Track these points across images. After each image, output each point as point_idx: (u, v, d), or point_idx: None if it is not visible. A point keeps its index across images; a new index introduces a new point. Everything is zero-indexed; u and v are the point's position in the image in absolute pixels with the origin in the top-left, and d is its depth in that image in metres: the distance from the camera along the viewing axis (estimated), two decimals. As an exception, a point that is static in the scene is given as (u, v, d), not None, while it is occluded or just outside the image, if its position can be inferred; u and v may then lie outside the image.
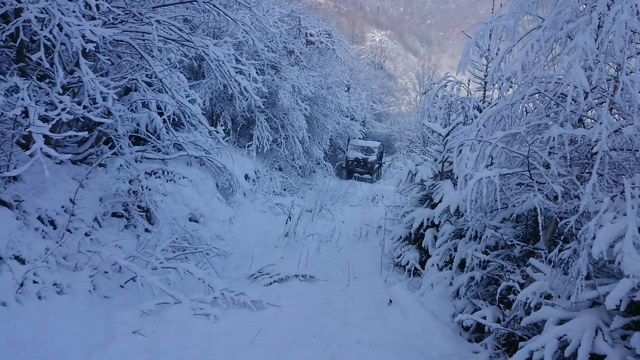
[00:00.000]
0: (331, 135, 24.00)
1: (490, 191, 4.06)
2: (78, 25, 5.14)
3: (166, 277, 5.83)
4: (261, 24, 14.71)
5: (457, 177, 4.52)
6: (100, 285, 5.63)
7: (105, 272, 5.83)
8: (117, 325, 4.76)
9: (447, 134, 7.67)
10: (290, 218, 10.28)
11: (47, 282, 4.95)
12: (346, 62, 31.28)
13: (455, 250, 6.44)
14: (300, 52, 19.11)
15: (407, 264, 7.69)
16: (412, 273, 7.46)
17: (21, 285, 4.65)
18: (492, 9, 8.40)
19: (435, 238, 7.36)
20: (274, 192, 15.10)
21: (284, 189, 16.67)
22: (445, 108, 8.80)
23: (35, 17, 4.93)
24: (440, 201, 6.93)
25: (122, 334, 4.56)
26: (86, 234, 6.23)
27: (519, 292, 4.34)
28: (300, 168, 19.58)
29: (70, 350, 4.21)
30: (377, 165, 27.18)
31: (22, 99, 4.68)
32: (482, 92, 8.95)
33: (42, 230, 5.74)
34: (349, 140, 27.57)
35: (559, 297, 3.96)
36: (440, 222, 7.08)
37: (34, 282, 4.82)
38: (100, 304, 5.34)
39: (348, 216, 13.85)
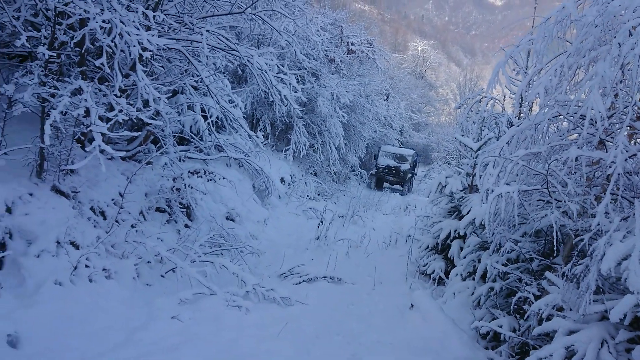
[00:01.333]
0: (367, 143, 24.24)
1: (509, 206, 4.30)
2: (137, 34, 5.64)
3: (203, 269, 6.25)
4: (304, 32, 15.19)
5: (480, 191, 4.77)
6: (144, 274, 6.11)
7: (148, 262, 6.31)
8: (157, 310, 5.19)
9: (478, 149, 7.87)
10: (322, 222, 10.61)
11: (97, 267, 5.44)
12: (386, 71, 31.49)
13: (479, 261, 6.64)
14: (341, 61, 19.51)
15: (433, 272, 7.92)
16: (436, 282, 7.69)
17: (75, 268, 5.15)
18: (532, 25, 8.56)
19: (462, 249, 7.57)
20: (308, 196, 15.49)
21: (318, 194, 17.04)
22: (479, 123, 8.99)
23: (100, 26, 5.45)
24: (467, 213, 7.15)
25: (161, 318, 5.00)
26: (132, 226, 6.74)
27: (533, 304, 4.55)
28: (335, 174, 19.93)
29: (115, 329, 4.67)
30: (409, 175, 25.15)
31: (86, 100, 5.19)
32: (518, 109, 9.12)
33: (94, 220, 6.27)
34: (380, 147, 25.92)
35: (570, 309, 4.16)
36: (466, 233, 7.29)
37: (86, 266, 5.32)
38: (142, 290, 5.81)
39: (379, 224, 14.09)
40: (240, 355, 4.56)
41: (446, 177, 8.24)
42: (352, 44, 21.27)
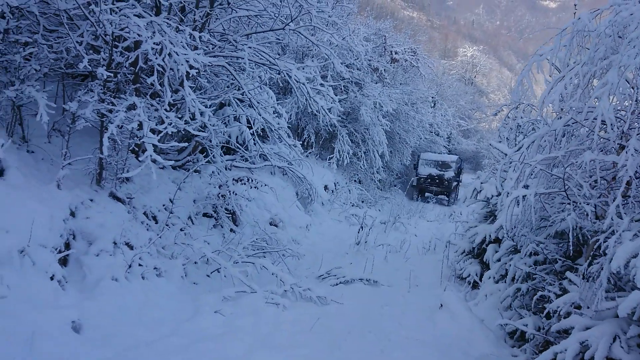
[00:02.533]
0: (413, 150, 24.19)
1: (527, 208, 4.52)
2: (184, 54, 6.19)
3: (245, 270, 6.71)
4: (347, 43, 15.63)
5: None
6: (191, 273, 6.63)
7: (195, 263, 6.84)
8: (202, 306, 5.68)
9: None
10: (362, 228, 10.92)
11: (149, 266, 5.99)
12: (434, 78, 31.45)
13: (511, 264, 6.80)
14: (384, 70, 19.81)
15: (468, 276, 8.09)
16: (471, 285, 7.85)
17: (129, 266, 5.71)
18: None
19: (497, 252, 7.71)
20: (351, 203, 15.83)
21: (362, 201, 17.35)
22: (514, 129, 9.09)
23: (151, 47, 6.03)
24: (500, 218, 7.30)
25: (206, 312, 5.47)
26: (181, 229, 7.31)
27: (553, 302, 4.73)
28: (379, 182, 20.17)
29: (165, 321, 5.18)
30: (454, 184, 23.41)
31: (139, 114, 5.77)
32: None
33: (147, 224, 6.86)
34: (419, 156, 24.06)
35: (587, 307, 4.34)
36: (502, 237, 7.44)
37: (139, 265, 5.87)
38: (189, 288, 6.33)
39: (421, 230, 14.23)
40: (276, 345, 4.96)
41: (481, 183, 8.40)
42: (396, 53, 21.54)
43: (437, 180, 22.67)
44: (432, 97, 30.83)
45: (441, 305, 6.34)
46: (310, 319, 5.72)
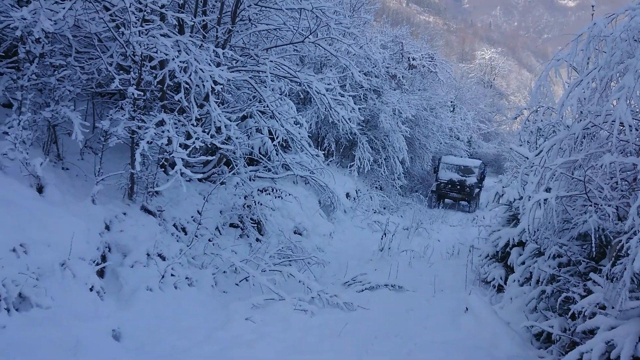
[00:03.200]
0: (433, 155, 24.10)
1: (549, 211, 4.61)
2: (209, 70, 6.43)
3: (273, 278, 6.89)
4: (365, 52, 15.82)
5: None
6: (220, 282, 6.84)
7: (224, 272, 7.05)
8: (232, 313, 5.86)
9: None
10: (385, 234, 11.02)
11: (181, 275, 6.20)
12: (452, 82, 31.40)
13: (536, 267, 6.84)
14: (402, 76, 19.92)
15: (493, 280, 8.13)
16: (496, 289, 7.90)
17: (162, 276, 5.93)
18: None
19: (520, 255, 7.76)
20: (373, 210, 15.94)
21: (384, 208, 17.43)
22: (535, 132, 9.14)
23: (178, 66, 6.28)
24: (523, 221, 7.35)
25: (237, 320, 5.66)
26: (210, 240, 7.53)
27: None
28: (400, 187, 20.21)
29: (198, 328, 5.38)
30: (477, 190, 22.00)
31: (168, 130, 6.02)
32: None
33: (177, 235, 7.10)
34: (439, 159, 22.87)
35: (612, 307, 4.40)
36: (525, 241, 7.49)
37: (172, 275, 6.09)
38: (219, 296, 6.53)
39: (445, 235, 14.26)
40: (306, 350, 5.12)
41: (503, 187, 8.46)
42: (413, 59, 21.65)
43: (459, 186, 21.26)
44: (451, 102, 30.75)
45: (466, 309, 6.42)
46: (338, 324, 5.86)
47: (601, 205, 4.49)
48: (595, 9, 7.86)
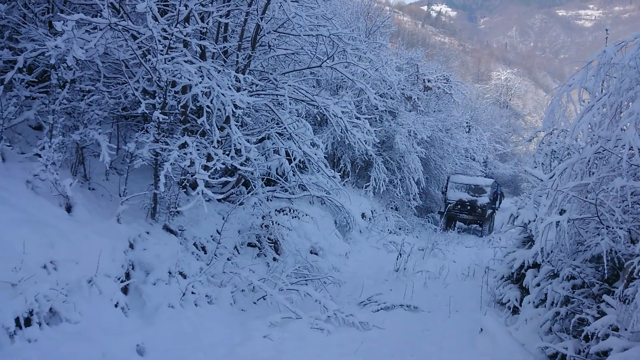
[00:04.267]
0: (448, 176, 24.06)
1: (561, 233, 4.71)
2: (231, 95, 6.69)
3: (290, 296, 7.03)
4: (380, 74, 16.08)
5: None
6: (239, 300, 7.00)
7: (243, 290, 7.21)
8: (251, 331, 6.01)
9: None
10: (400, 255, 11.10)
11: (201, 293, 6.38)
12: (468, 103, 31.52)
13: (551, 289, 6.89)
14: (417, 98, 20.13)
15: (508, 301, 8.17)
16: (511, 310, 7.93)
17: (183, 294, 6.12)
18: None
19: (536, 277, 7.80)
20: (389, 230, 16.01)
21: (399, 228, 17.48)
22: (550, 155, 9.22)
23: (201, 90, 6.55)
24: (538, 243, 7.42)
25: (256, 337, 5.80)
26: (228, 259, 7.71)
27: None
28: (416, 208, 20.26)
29: (218, 345, 5.53)
30: (489, 211, 20.25)
31: (191, 153, 6.26)
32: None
33: (197, 254, 7.30)
34: (448, 178, 21.22)
35: (625, 329, 4.47)
36: (541, 262, 7.54)
37: (192, 292, 6.27)
38: (238, 314, 6.68)
39: (460, 257, 14.26)
40: (323, 368, 5.25)
41: (518, 208, 8.54)
42: (429, 81, 21.87)
43: (469, 207, 19.61)
44: (467, 122, 30.83)
45: (481, 330, 6.49)
46: (354, 343, 5.97)
47: (613, 228, 4.58)
48: (612, 29, 7.99)
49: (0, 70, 6.34)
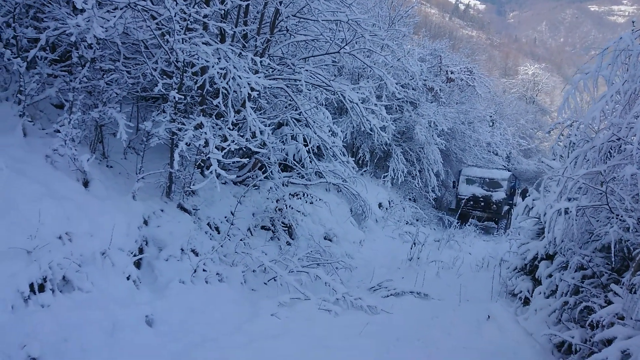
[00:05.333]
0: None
1: (569, 222, 4.68)
2: (247, 77, 6.76)
3: (300, 278, 7.11)
4: (402, 64, 16.00)
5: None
6: (249, 280, 7.11)
7: (254, 271, 7.32)
8: (259, 309, 6.11)
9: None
10: (414, 244, 11.10)
11: (212, 271, 6.50)
12: (493, 97, 31.09)
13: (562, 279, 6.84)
14: (440, 89, 19.95)
15: (520, 292, 8.12)
16: (523, 301, 7.89)
17: (195, 271, 6.24)
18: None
19: (548, 268, 7.74)
20: (405, 221, 15.98)
21: (417, 220, 17.43)
22: (568, 146, 9.09)
23: (217, 72, 6.64)
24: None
25: (263, 315, 5.90)
26: (241, 240, 7.83)
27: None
28: (434, 200, 20.15)
29: (227, 321, 5.64)
30: (506, 208, 18.63)
31: (205, 133, 6.36)
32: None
33: (210, 234, 7.42)
34: (460, 171, 19.60)
35: (631, 318, 4.43)
36: (554, 253, 7.48)
37: (204, 270, 6.40)
38: (248, 294, 6.79)
39: (477, 249, 14.17)
40: (329, 346, 5.32)
41: (533, 200, 8.46)
42: (452, 73, 21.66)
43: (483, 203, 18.01)
44: (491, 116, 30.44)
45: (489, 317, 6.48)
46: (360, 325, 6.02)
47: (622, 217, 4.53)
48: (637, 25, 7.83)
49: (24, 49, 6.51)
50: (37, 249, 4.47)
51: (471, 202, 18.16)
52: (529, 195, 8.75)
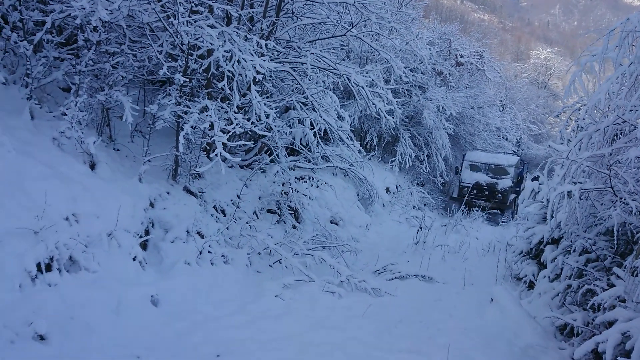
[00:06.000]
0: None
1: (572, 203, 4.67)
2: (251, 60, 6.76)
3: (304, 260, 7.17)
4: (411, 47, 15.86)
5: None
6: (255, 262, 7.18)
7: (259, 253, 7.38)
8: (264, 291, 6.18)
9: (572, 156, 7.99)
10: (421, 228, 11.11)
11: (217, 253, 6.57)
12: (504, 82, 30.77)
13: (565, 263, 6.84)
14: (449, 73, 19.76)
15: (525, 276, 8.13)
16: (527, 285, 7.90)
17: (200, 253, 6.32)
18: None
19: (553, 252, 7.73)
20: (413, 206, 15.97)
21: (424, 204, 17.40)
22: (576, 130, 9.02)
23: (222, 55, 6.64)
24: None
25: (268, 296, 5.97)
26: (247, 223, 7.88)
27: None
28: (442, 185, 20.09)
29: (231, 301, 5.73)
30: (512, 197, 17.17)
31: (210, 116, 6.39)
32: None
33: (216, 216, 7.49)
34: (463, 156, 18.14)
35: (632, 301, 4.43)
36: (559, 237, 7.47)
37: (209, 252, 6.47)
38: (253, 275, 6.87)
39: (484, 234, 14.14)
40: (330, 326, 5.38)
41: (539, 184, 8.42)
42: (461, 56, 21.42)
43: (487, 192, 16.59)
44: (501, 101, 30.15)
45: (492, 300, 6.50)
46: (364, 307, 6.08)
47: (625, 200, 4.51)
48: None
49: (30, 32, 6.55)
50: (44, 229, 4.54)
51: (474, 191, 16.69)
52: (538, 180, 8.72)
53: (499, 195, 16.59)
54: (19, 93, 6.32)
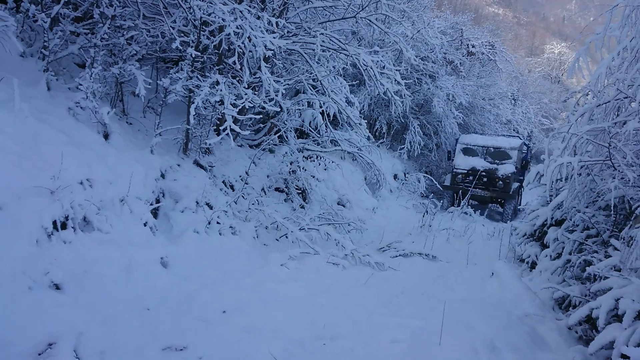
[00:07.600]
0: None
1: (572, 172, 4.77)
2: (262, 37, 6.90)
3: (310, 234, 7.33)
4: (422, 35, 15.92)
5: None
6: (262, 235, 7.36)
7: (266, 227, 7.56)
8: (270, 260, 6.35)
9: (577, 139, 8.05)
10: (427, 212, 11.23)
11: (226, 224, 6.75)
12: (513, 73, 30.65)
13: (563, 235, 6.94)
14: (460, 63, 19.77)
15: (528, 257, 8.24)
16: (530, 266, 8.01)
17: (209, 223, 6.50)
18: None
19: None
20: (420, 193, 16.07)
21: (432, 193, 17.50)
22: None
23: (233, 31, 6.78)
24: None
25: (273, 265, 6.14)
26: (255, 199, 8.05)
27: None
28: (450, 173, 20.13)
29: (237, 270, 5.91)
30: (515, 185, 14.48)
31: (221, 90, 6.55)
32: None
33: (225, 191, 7.67)
34: (457, 140, 15.56)
35: (627, 268, 4.54)
36: (562, 219, 7.57)
37: (217, 222, 6.65)
38: (260, 247, 7.05)
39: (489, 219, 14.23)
40: (335, 294, 5.54)
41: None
42: (473, 46, 21.41)
43: (485, 179, 13.99)
44: (512, 94, 30.03)
45: (492, 274, 6.63)
46: (367, 277, 6.23)
47: (623, 171, 4.61)
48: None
49: (47, 6, 6.73)
50: (60, 189, 4.73)
51: (470, 178, 14.01)
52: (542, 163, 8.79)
53: (500, 182, 13.95)
54: (36, 65, 6.51)
